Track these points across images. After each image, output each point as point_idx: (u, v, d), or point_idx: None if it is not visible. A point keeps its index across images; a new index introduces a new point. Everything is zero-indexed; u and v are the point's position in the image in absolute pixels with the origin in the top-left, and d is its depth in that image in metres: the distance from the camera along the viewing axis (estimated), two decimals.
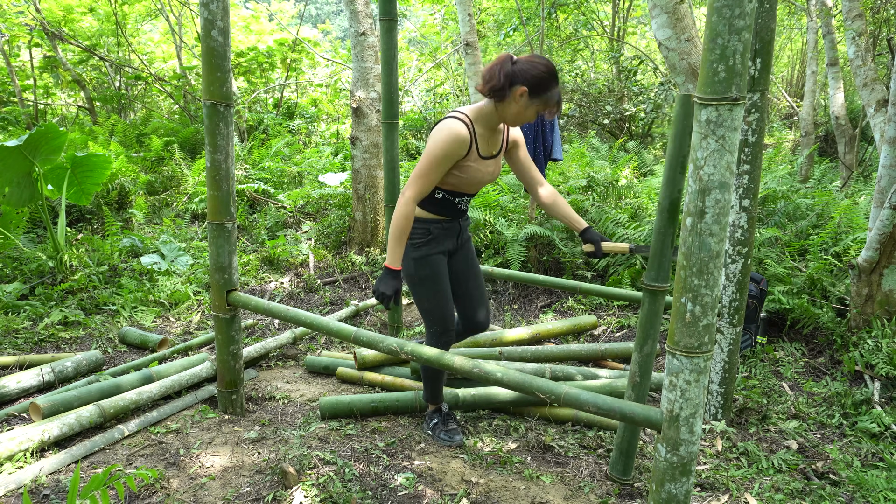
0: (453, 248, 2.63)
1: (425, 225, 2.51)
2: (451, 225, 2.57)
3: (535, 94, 2.30)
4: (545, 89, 2.30)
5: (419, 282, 2.55)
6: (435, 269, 2.54)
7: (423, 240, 2.51)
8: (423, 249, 2.52)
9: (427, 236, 2.51)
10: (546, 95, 2.31)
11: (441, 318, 2.60)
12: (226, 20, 2.60)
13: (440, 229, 2.53)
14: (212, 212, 2.75)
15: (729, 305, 2.89)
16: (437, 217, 2.52)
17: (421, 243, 2.51)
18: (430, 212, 2.51)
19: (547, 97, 2.31)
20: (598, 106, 9.33)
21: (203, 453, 2.60)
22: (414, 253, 2.52)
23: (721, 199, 1.60)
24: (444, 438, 2.77)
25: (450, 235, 2.58)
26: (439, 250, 2.55)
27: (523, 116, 2.36)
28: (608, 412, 1.92)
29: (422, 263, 2.52)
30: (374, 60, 5.34)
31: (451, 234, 2.59)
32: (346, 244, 5.85)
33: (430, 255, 2.53)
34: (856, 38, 6.14)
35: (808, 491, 2.45)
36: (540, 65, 2.30)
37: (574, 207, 5.31)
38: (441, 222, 2.53)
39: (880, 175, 3.67)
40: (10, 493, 2.26)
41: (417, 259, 2.52)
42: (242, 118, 9.72)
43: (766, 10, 2.60)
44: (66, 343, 3.88)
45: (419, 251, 2.52)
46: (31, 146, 4.45)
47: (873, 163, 7.95)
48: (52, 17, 9.73)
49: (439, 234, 2.53)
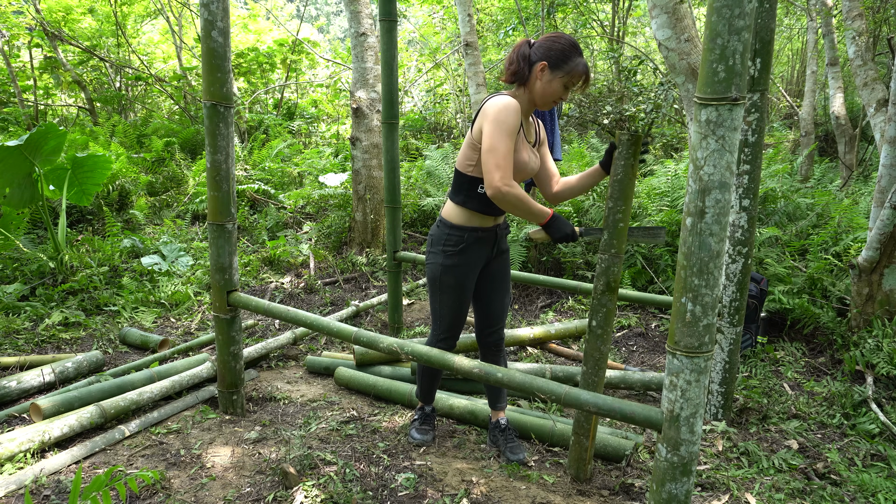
0: (486, 260, 2.56)
1: (461, 233, 2.44)
2: (486, 234, 2.48)
3: (556, 66, 2.24)
4: (566, 59, 2.24)
5: (440, 287, 2.51)
6: (460, 280, 2.49)
7: (456, 248, 2.45)
8: (455, 259, 2.46)
9: (460, 244, 2.44)
10: (569, 65, 2.24)
11: (448, 326, 2.57)
12: (226, 21, 2.60)
13: (475, 238, 2.45)
14: (212, 212, 2.76)
15: (729, 305, 2.89)
16: (474, 225, 2.44)
17: (453, 252, 2.45)
18: (470, 209, 2.41)
19: (570, 67, 2.24)
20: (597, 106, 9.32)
21: (204, 454, 2.60)
22: (445, 260, 2.47)
23: (721, 199, 1.60)
24: (411, 436, 2.78)
25: (484, 245, 2.50)
26: (470, 261, 2.48)
27: (551, 93, 2.28)
28: (608, 412, 1.92)
29: (449, 272, 2.47)
30: (374, 61, 5.34)
31: (486, 244, 2.50)
32: (346, 244, 5.85)
33: (459, 267, 2.47)
34: (856, 37, 6.14)
35: (809, 491, 2.45)
36: (558, 38, 2.26)
37: (574, 208, 5.31)
38: (477, 230, 2.45)
39: (880, 175, 3.68)
40: (11, 493, 2.26)
41: (446, 267, 2.47)
42: (242, 119, 9.72)
43: (766, 10, 2.60)
44: (66, 344, 3.88)
45: (450, 259, 2.46)
46: (32, 147, 4.45)
47: (873, 162, 7.95)
48: (51, 17, 9.73)
49: (473, 244, 2.45)
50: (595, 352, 2.31)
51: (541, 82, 2.27)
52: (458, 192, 2.43)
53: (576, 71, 2.25)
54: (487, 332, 2.68)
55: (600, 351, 2.30)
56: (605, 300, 2.26)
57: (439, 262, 2.48)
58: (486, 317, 2.66)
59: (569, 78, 2.27)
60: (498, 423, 2.74)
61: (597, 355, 2.31)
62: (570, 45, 2.25)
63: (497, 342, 2.70)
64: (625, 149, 2.16)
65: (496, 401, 2.75)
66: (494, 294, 2.63)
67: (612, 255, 2.23)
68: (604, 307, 2.27)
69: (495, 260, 2.60)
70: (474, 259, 2.49)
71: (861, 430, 2.92)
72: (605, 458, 2.67)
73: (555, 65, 2.25)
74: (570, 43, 2.25)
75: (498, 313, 2.66)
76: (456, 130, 10.67)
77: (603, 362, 2.32)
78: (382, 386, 3.23)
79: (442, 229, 2.48)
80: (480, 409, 2.94)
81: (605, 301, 2.26)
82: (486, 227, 2.47)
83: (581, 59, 2.25)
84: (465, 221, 2.44)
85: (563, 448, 2.75)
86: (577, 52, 2.25)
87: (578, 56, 2.25)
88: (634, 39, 13.01)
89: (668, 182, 5.23)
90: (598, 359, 2.31)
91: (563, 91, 2.29)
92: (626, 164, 2.16)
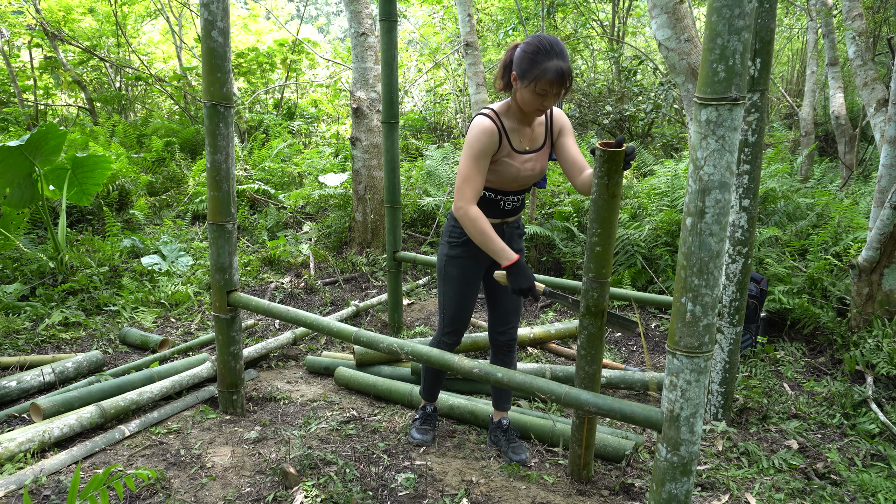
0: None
1: None
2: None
3: (523, 75, 2.13)
4: (532, 67, 2.10)
5: (444, 278, 2.54)
6: (463, 272, 2.50)
7: (459, 240, 2.47)
8: (458, 250, 2.48)
9: (463, 237, 2.45)
10: (534, 72, 2.10)
11: (452, 319, 2.57)
12: (226, 21, 2.60)
13: None
14: (212, 212, 2.76)
15: (729, 305, 2.89)
16: None
17: (456, 243, 2.48)
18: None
19: (537, 74, 2.09)
20: (598, 106, 9.32)
21: (204, 454, 2.60)
22: (449, 251, 2.50)
23: (721, 199, 1.60)
24: (411, 435, 2.77)
25: None
26: (473, 254, 2.47)
27: (529, 103, 2.18)
28: (608, 412, 1.92)
29: (452, 262, 2.50)
30: (374, 61, 5.34)
31: None
32: (346, 244, 5.85)
33: (462, 258, 2.48)
34: (856, 37, 6.14)
35: (809, 491, 2.45)
36: (528, 44, 2.12)
37: (574, 208, 5.31)
38: None
39: (880, 175, 3.68)
40: (11, 493, 2.27)
41: (450, 257, 2.50)
42: (242, 119, 9.72)
43: (766, 10, 2.60)
44: (66, 344, 3.88)
45: (454, 250, 2.49)
46: (32, 147, 4.45)
47: (873, 162, 7.95)
48: (51, 17, 9.73)
49: None
50: (580, 371, 2.25)
51: (520, 93, 2.19)
52: None
53: (544, 77, 2.09)
54: (500, 330, 2.66)
55: (585, 371, 2.23)
56: (585, 322, 2.16)
57: (444, 252, 2.52)
58: (498, 315, 2.65)
59: (537, 85, 2.12)
60: (500, 423, 2.74)
61: (582, 374, 2.25)
62: (537, 49, 2.10)
63: (509, 342, 2.68)
64: (599, 165, 1.93)
65: (502, 402, 2.74)
66: (506, 293, 2.62)
67: (590, 280, 2.11)
68: (585, 329, 2.17)
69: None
70: (477, 252, 2.46)
71: (861, 430, 2.92)
72: (605, 458, 2.66)
73: (522, 74, 2.14)
74: (537, 47, 2.10)
75: (510, 312, 2.64)
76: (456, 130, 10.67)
77: (591, 381, 2.23)
78: (382, 386, 3.23)
79: (449, 221, 2.52)
80: (481, 409, 2.94)
81: (587, 324, 2.16)
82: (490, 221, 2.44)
83: (551, 64, 2.08)
84: None
85: (563, 448, 2.75)
86: (545, 56, 2.09)
87: (547, 60, 2.08)
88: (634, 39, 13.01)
89: (668, 182, 5.23)
90: (584, 378, 2.24)
91: (538, 99, 2.16)
92: (601, 183, 1.95)
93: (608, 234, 2.03)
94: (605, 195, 1.98)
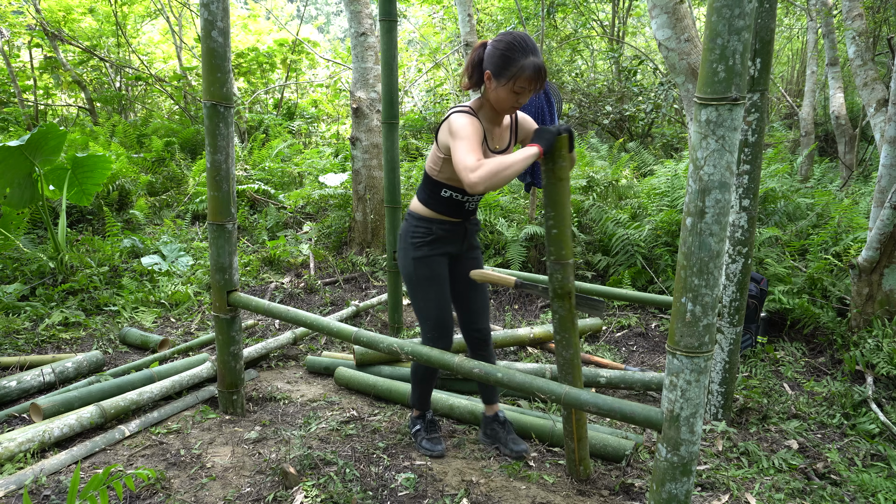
0: (456, 252, 2.52)
1: (428, 224, 2.42)
2: (455, 227, 2.46)
3: (498, 73, 2.10)
4: (506, 65, 2.08)
5: (417, 282, 2.47)
6: (434, 270, 2.46)
7: (425, 240, 2.43)
8: (424, 249, 2.44)
9: (429, 236, 2.43)
10: (511, 70, 2.08)
11: (437, 322, 2.49)
12: (226, 21, 2.60)
13: (444, 230, 2.43)
14: (212, 212, 2.76)
15: (729, 305, 2.89)
16: (442, 217, 2.42)
17: (422, 243, 2.43)
18: (435, 211, 2.41)
19: (513, 72, 2.07)
20: (597, 106, 9.33)
21: (204, 454, 2.60)
22: (415, 253, 2.45)
23: (721, 199, 1.60)
24: (425, 447, 2.66)
25: (454, 237, 2.48)
26: (441, 252, 2.46)
27: (504, 101, 2.16)
28: (608, 412, 1.92)
29: (421, 264, 2.44)
30: (374, 61, 5.34)
31: (456, 237, 2.48)
32: (346, 244, 5.86)
33: (431, 256, 2.44)
34: (856, 37, 6.14)
35: (809, 491, 2.45)
36: (499, 41, 2.09)
37: (574, 208, 5.31)
38: (445, 223, 2.43)
39: (880, 175, 3.68)
40: (11, 493, 2.27)
41: (417, 259, 2.44)
42: (242, 119, 9.73)
43: (766, 10, 2.60)
44: (66, 344, 3.88)
45: (420, 251, 2.44)
46: (32, 147, 4.45)
47: (873, 162, 7.95)
48: (51, 17, 9.73)
49: (442, 235, 2.44)
50: (559, 357, 2.26)
51: (493, 92, 2.16)
52: (423, 191, 2.44)
53: (521, 75, 2.07)
54: (473, 327, 2.64)
55: (563, 357, 2.24)
56: (555, 306, 2.19)
57: (410, 256, 2.45)
58: (469, 314, 2.62)
59: (514, 83, 2.10)
60: (496, 416, 2.72)
61: (561, 360, 2.26)
62: (511, 46, 2.06)
63: (485, 336, 2.65)
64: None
65: (492, 395, 2.73)
66: (473, 292, 2.59)
67: (552, 263, 2.15)
68: (556, 313, 2.21)
69: (467, 257, 2.56)
70: (444, 249, 2.46)
71: (861, 430, 2.92)
72: (605, 458, 2.66)
73: (496, 72, 2.11)
74: (510, 44, 2.06)
75: (480, 309, 2.62)
76: None
77: (570, 367, 2.25)
78: (382, 386, 3.23)
79: (410, 222, 2.47)
80: (480, 409, 2.93)
81: (556, 307, 2.19)
82: (453, 220, 2.45)
83: (527, 60, 2.05)
84: (432, 215, 2.43)
85: (563, 448, 2.75)
86: (520, 52, 2.06)
87: (523, 57, 2.05)
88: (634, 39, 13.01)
89: (668, 182, 5.23)
90: (563, 364, 2.25)
91: (514, 97, 2.14)
92: (547, 168, 2.06)
93: (561, 216, 2.10)
94: (553, 179, 2.07)
